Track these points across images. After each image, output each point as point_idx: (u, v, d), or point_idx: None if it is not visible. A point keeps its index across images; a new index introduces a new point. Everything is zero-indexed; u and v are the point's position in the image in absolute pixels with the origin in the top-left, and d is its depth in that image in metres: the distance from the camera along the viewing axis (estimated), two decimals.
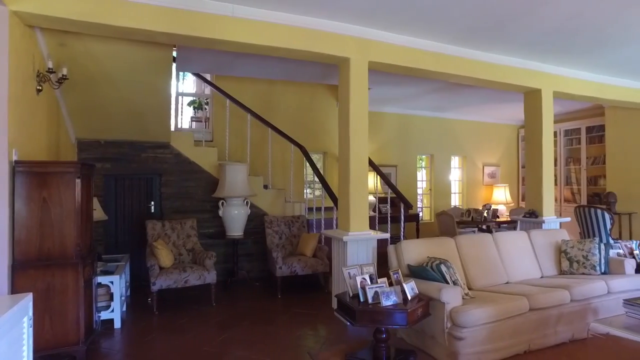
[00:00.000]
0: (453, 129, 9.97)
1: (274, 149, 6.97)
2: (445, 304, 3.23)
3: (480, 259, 4.26)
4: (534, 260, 4.65)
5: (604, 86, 6.54)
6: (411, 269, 3.77)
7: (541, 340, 3.62)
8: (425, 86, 7.10)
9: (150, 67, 4.79)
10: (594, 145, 9.11)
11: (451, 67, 5.06)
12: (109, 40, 4.14)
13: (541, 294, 3.64)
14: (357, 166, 4.32)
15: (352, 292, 3.28)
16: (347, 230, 4.21)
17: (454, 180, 10.26)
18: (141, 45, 4.47)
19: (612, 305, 4.07)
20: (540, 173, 5.95)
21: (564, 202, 9.64)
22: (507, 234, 4.76)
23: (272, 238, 5.81)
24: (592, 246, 4.60)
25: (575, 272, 4.60)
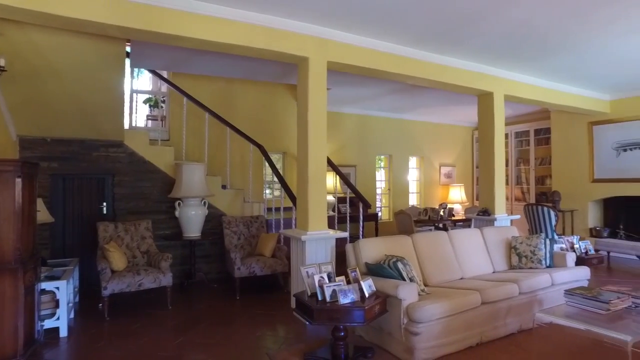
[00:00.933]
0: (411, 130, 10.21)
1: (233, 149, 6.86)
2: (402, 301, 3.29)
3: (436, 256, 4.38)
4: (486, 256, 4.83)
5: (549, 91, 6.91)
6: (369, 267, 3.82)
7: (492, 332, 3.77)
8: (384, 87, 7.23)
9: (101, 62, 4.60)
10: (542, 147, 9.61)
11: (408, 69, 5.18)
12: (55, 32, 3.93)
13: (492, 288, 3.78)
14: (316, 166, 4.33)
15: (310, 291, 3.28)
16: (305, 230, 4.21)
17: (412, 180, 10.51)
18: (92, 39, 4.28)
19: (556, 296, 4.29)
20: (493, 173, 6.20)
21: (515, 200, 10.10)
22: (462, 231, 4.93)
23: (231, 239, 5.72)
24: (539, 242, 4.84)
25: (524, 267, 4.82)
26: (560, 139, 8.87)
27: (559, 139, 8.91)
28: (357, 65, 4.76)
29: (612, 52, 5.40)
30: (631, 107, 7.75)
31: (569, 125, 8.68)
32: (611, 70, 6.23)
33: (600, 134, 8.21)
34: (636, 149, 7.71)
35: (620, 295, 3.26)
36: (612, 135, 8.03)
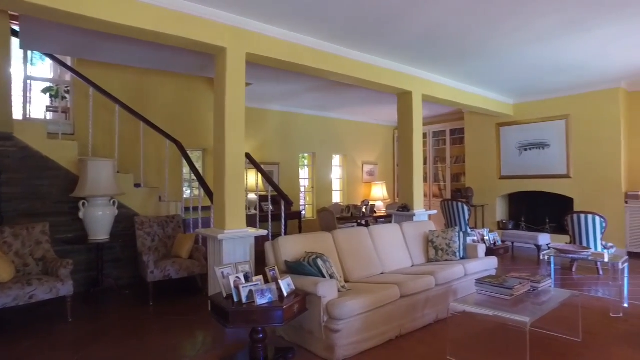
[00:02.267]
0: (335, 128, 10.31)
1: (148, 145, 6.41)
2: (322, 298, 3.22)
3: (357, 252, 4.39)
4: (405, 251, 4.95)
5: (463, 93, 7.31)
6: (288, 265, 3.71)
7: (411, 324, 3.85)
8: (307, 84, 7.18)
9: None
10: (457, 146, 10.19)
11: (330, 65, 5.15)
12: None
13: (411, 281, 3.86)
14: (234, 162, 4.12)
15: (226, 293, 3.09)
16: (223, 229, 4.00)
17: (335, 178, 10.61)
18: None
19: (469, 285, 4.50)
20: (412, 170, 6.40)
21: (433, 197, 10.61)
22: (382, 227, 5.01)
23: (144, 240, 5.31)
24: (454, 235, 5.07)
25: (440, 259, 5.02)
26: (473, 138, 9.47)
27: (471, 139, 9.50)
28: (277, 58, 4.62)
29: (517, 58, 5.82)
30: (531, 111, 8.48)
31: (480, 126, 9.29)
32: (515, 75, 6.73)
33: (506, 134, 8.88)
34: (535, 149, 8.45)
35: (522, 281, 3.48)
36: (516, 135, 8.72)
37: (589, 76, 6.88)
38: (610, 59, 5.97)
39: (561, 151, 8.06)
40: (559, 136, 8.08)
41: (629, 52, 5.65)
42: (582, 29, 4.79)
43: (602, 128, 7.57)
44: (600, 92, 7.55)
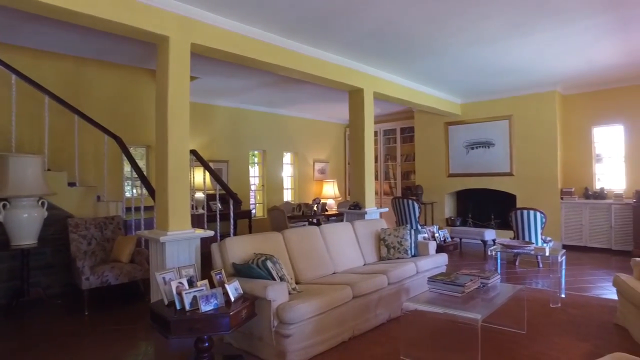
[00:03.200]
0: (285, 125, 10.14)
1: (85, 141, 5.96)
2: (272, 302, 3.06)
3: (308, 252, 4.27)
4: (357, 250, 4.89)
5: (413, 92, 7.40)
6: (236, 268, 3.51)
7: (364, 324, 3.77)
8: (257, 79, 6.96)
9: None
10: (407, 144, 10.36)
11: (280, 59, 4.98)
12: None
13: (363, 281, 3.78)
14: (177, 159, 3.85)
15: (167, 300, 2.85)
16: (165, 230, 3.72)
17: (286, 176, 10.45)
18: None
19: (420, 283, 4.53)
20: (363, 168, 6.37)
21: (383, 194, 10.72)
22: (333, 225, 4.92)
23: (79, 244, 4.88)
24: (405, 232, 5.07)
25: (392, 257, 5.01)
26: (422, 137, 9.65)
27: (421, 137, 9.68)
28: (225, 50, 4.39)
29: (464, 59, 5.94)
30: (477, 110, 8.76)
31: (429, 125, 9.48)
32: (463, 76, 6.90)
33: (454, 133, 9.12)
34: (480, 148, 8.73)
35: (472, 278, 3.51)
36: (463, 135, 8.98)
37: (529, 79, 7.19)
38: (548, 63, 6.25)
39: (505, 150, 8.39)
40: (503, 136, 8.40)
41: (563, 56, 5.94)
42: (523, 33, 4.95)
43: (540, 128, 7.95)
44: (539, 95, 7.92)
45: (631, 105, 7.49)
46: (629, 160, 7.58)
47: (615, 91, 7.64)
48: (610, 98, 7.70)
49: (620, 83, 7.52)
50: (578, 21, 4.69)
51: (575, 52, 5.80)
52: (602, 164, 7.94)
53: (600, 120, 7.86)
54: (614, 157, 7.81)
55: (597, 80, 7.41)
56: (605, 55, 5.96)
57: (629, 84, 7.47)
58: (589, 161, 7.98)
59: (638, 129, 7.47)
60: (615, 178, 7.77)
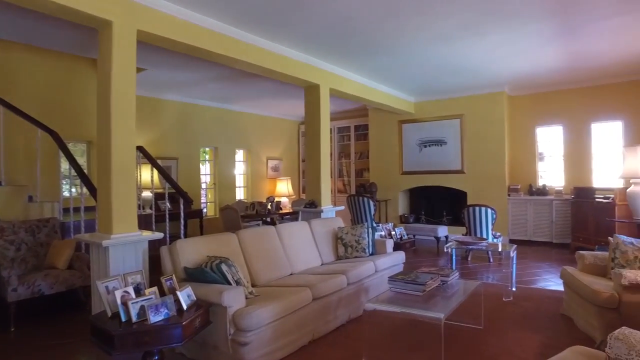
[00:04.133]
0: (238, 121, 9.83)
1: (14, 135, 5.40)
2: (227, 308, 2.87)
3: (264, 253, 4.09)
4: (314, 249, 4.77)
5: (369, 89, 7.38)
6: (188, 272, 3.27)
7: (324, 327, 3.66)
8: (209, 73, 6.65)
9: None
10: (361, 142, 10.38)
11: (234, 51, 4.75)
12: None
13: (322, 282, 3.66)
14: (122, 156, 3.51)
15: (111, 311, 2.58)
16: (109, 233, 3.39)
17: (239, 173, 10.15)
18: None
19: (379, 282, 4.49)
20: (319, 164, 6.26)
21: (337, 192, 10.69)
22: (290, 225, 4.76)
23: (4, 251, 4.38)
24: (362, 231, 5.01)
25: (350, 256, 4.93)
26: (376, 135, 9.70)
27: (375, 135, 9.73)
28: (174, 39, 4.09)
29: (420, 57, 5.98)
30: (429, 109, 8.92)
31: (383, 123, 9.54)
32: (418, 74, 6.96)
33: (407, 131, 9.24)
34: (433, 146, 8.91)
35: (433, 276, 3.49)
36: (416, 133, 9.11)
37: (479, 79, 7.39)
38: (497, 64, 6.45)
39: (456, 148, 8.60)
40: (455, 134, 8.61)
41: (512, 58, 6.14)
42: (477, 33, 5.03)
43: (490, 128, 8.22)
44: (489, 95, 8.19)
45: (569, 108, 7.92)
46: (567, 159, 8.01)
47: (556, 94, 8.05)
48: (551, 100, 8.10)
49: (560, 86, 7.92)
50: (527, 25, 4.84)
51: (522, 55, 6.00)
52: (544, 162, 8.35)
53: (542, 121, 8.25)
54: (555, 156, 8.23)
55: (540, 82, 7.76)
56: (549, 59, 6.22)
57: (567, 87, 7.88)
58: (533, 159, 8.36)
59: (575, 129, 7.91)
60: (556, 175, 8.19)
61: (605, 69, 6.88)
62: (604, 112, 7.66)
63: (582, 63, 6.52)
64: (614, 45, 5.67)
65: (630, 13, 4.61)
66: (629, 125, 7.46)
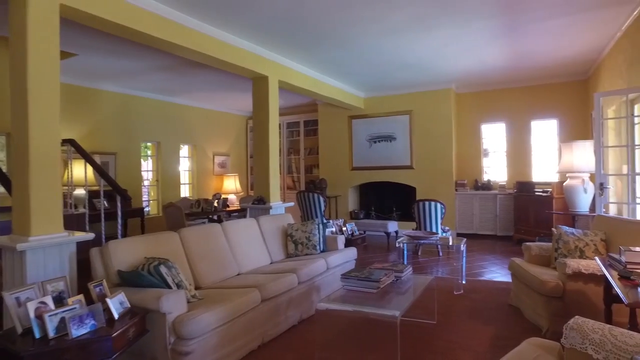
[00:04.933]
0: (182, 115, 9.34)
1: None
2: (167, 315, 2.59)
3: (209, 253, 3.81)
4: (263, 247, 4.55)
5: (319, 83, 7.23)
6: (122, 276, 2.94)
7: (274, 329, 3.45)
8: (150, 61, 6.20)
9: None
10: (310, 137, 10.22)
11: (177, 37, 4.41)
12: None
13: (272, 282, 3.46)
14: (42, 149, 3.08)
15: (21, 327, 2.22)
16: (26, 235, 2.97)
17: (183, 170, 9.66)
18: None
19: (331, 280, 4.35)
20: (267, 160, 6.02)
21: (287, 189, 10.48)
22: (237, 222, 4.50)
23: None
24: (313, 227, 4.85)
25: (300, 254, 4.75)
26: (326, 130, 9.58)
27: (325, 131, 9.61)
28: (107, 19, 3.70)
29: (371, 51, 5.90)
30: (379, 105, 8.93)
31: (333, 118, 9.44)
32: (368, 69, 6.90)
33: (357, 127, 9.20)
34: (383, 141, 8.93)
35: (386, 272, 3.39)
36: (366, 128, 9.09)
37: (428, 75, 7.47)
38: (445, 61, 6.52)
39: (405, 144, 8.66)
40: (404, 130, 8.67)
41: (459, 54, 6.23)
42: (428, 26, 5.02)
43: (438, 124, 8.35)
44: (437, 92, 8.31)
45: (511, 106, 8.22)
46: (509, 155, 8.32)
47: (499, 92, 8.32)
48: (495, 98, 8.37)
49: (503, 85, 8.20)
50: (474, 22, 4.90)
51: (469, 52, 6.11)
52: (489, 158, 8.62)
53: (487, 118, 8.51)
54: (498, 152, 8.52)
55: (485, 81, 7.99)
56: (494, 57, 6.38)
57: (510, 86, 8.18)
58: (478, 155, 8.60)
59: (516, 127, 8.23)
60: (499, 171, 8.48)
61: (544, 69, 7.18)
62: (542, 111, 8.02)
63: (524, 63, 6.76)
64: (553, 46, 5.90)
65: (569, 15, 4.80)
66: (563, 123, 7.86)
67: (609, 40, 5.73)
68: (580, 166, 5.78)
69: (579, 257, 3.70)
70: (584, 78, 7.65)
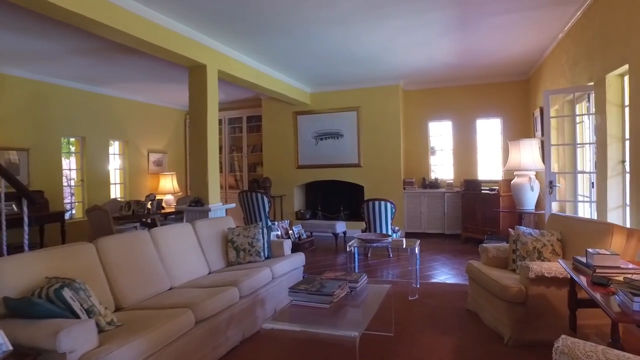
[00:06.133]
0: (111, 108, 8.44)
1: None
2: (68, 355, 2.03)
3: (135, 266, 3.24)
4: (200, 256, 4.02)
5: (263, 75, 6.74)
6: (9, 305, 2.30)
7: (212, 353, 2.96)
8: (69, 43, 5.40)
9: None
10: (254, 134, 9.69)
11: (98, 14, 3.77)
12: None
13: (208, 299, 2.96)
14: None
15: None
16: None
17: (114, 168, 8.77)
18: None
19: (277, 291, 3.93)
20: (205, 157, 5.46)
21: (229, 188, 9.88)
22: (168, 228, 3.92)
23: None
24: (257, 232, 4.39)
25: (243, 262, 4.28)
26: (270, 127, 9.10)
27: (269, 127, 9.12)
28: None
29: (318, 40, 5.52)
30: (326, 100, 8.59)
31: (277, 114, 8.98)
32: (315, 61, 6.51)
33: (303, 123, 8.80)
34: (329, 139, 8.60)
35: (340, 283, 3.01)
36: (312, 125, 8.72)
37: (377, 71, 7.23)
38: (395, 55, 6.30)
39: (353, 141, 8.40)
40: (351, 127, 8.39)
41: (409, 49, 6.02)
42: (379, 16, 4.72)
43: (386, 121, 8.16)
44: (385, 88, 8.12)
45: (457, 104, 8.22)
46: (456, 153, 8.32)
47: (446, 90, 8.29)
48: (442, 96, 8.33)
49: (449, 83, 8.17)
50: (427, 13, 4.68)
51: (419, 46, 5.92)
52: (436, 156, 8.57)
53: (434, 116, 8.45)
54: (445, 150, 8.49)
55: (433, 78, 7.91)
56: (443, 52, 6.25)
57: (456, 84, 8.17)
58: (426, 153, 8.53)
59: (462, 125, 8.24)
60: (446, 169, 8.46)
61: (489, 68, 7.21)
62: (487, 109, 8.09)
63: (471, 61, 6.72)
64: (501, 43, 5.86)
65: (519, 11, 4.71)
66: (506, 122, 7.96)
67: (552, 40, 5.79)
68: (527, 164, 5.78)
69: (537, 258, 3.56)
70: (525, 78, 7.79)
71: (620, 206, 4.15)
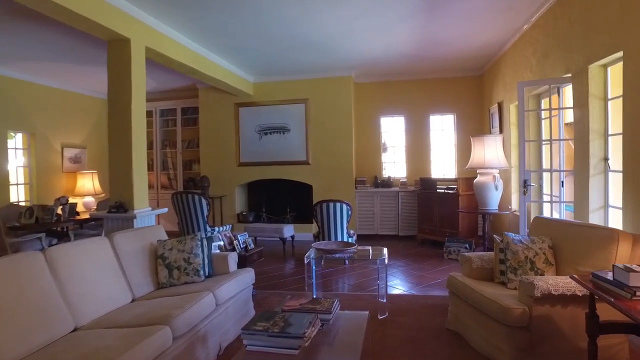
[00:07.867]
0: (11, 93, 6.98)
1: None
2: None
3: (16, 305, 2.27)
4: (120, 279, 3.09)
5: (199, 57, 5.82)
6: None
7: None
8: None
9: None
10: (189, 128, 8.66)
11: None
12: None
13: (125, 352, 2.09)
14: None
15: None
16: None
17: (17, 166, 7.34)
18: None
19: (222, 320, 3.13)
20: (130, 152, 4.47)
21: (161, 188, 8.77)
22: (74, 246, 2.93)
23: None
24: (194, 244, 3.53)
25: (177, 283, 3.40)
26: (208, 119, 8.13)
27: (207, 120, 8.15)
28: None
29: (264, 18, 4.76)
30: (271, 91, 7.80)
31: (217, 105, 8.04)
32: (261, 43, 5.71)
33: (245, 116, 7.94)
34: (275, 133, 7.82)
35: (310, 318, 2.29)
36: (255, 118, 7.89)
37: (329, 59, 6.57)
38: (350, 41, 5.70)
39: (301, 137, 7.68)
40: (299, 121, 7.67)
41: (365, 35, 5.46)
42: None
43: (337, 115, 7.54)
44: (336, 79, 7.49)
45: (410, 99, 7.80)
46: (408, 150, 7.90)
47: (399, 84, 7.83)
48: (394, 90, 7.86)
49: (403, 76, 7.73)
50: None
51: (377, 32, 5.35)
52: (387, 153, 8.10)
53: (386, 111, 7.97)
54: (398, 147, 8.04)
55: (386, 71, 7.42)
56: (401, 41, 5.74)
57: (410, 78, 7.75)
58: (378, 150, 8.02)
59: (415, 121, 7.83)
60: (399, 167, 8.02)
61: (444, 61, 6.86)
62: (440, 105, 7.75)
63: (428, 52, 6.30)
64: (464, 34, 5.46)
65: None
66: (460, 118, 7.67)
67: (514, 33, 5.49)
68: (492, 161, 5.41)
69: (530, 269, 3.07)
70: (479, 74, 7.54)
71: (602, 207, 3.83)
